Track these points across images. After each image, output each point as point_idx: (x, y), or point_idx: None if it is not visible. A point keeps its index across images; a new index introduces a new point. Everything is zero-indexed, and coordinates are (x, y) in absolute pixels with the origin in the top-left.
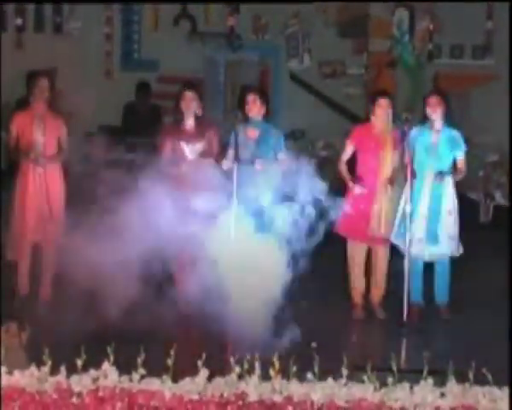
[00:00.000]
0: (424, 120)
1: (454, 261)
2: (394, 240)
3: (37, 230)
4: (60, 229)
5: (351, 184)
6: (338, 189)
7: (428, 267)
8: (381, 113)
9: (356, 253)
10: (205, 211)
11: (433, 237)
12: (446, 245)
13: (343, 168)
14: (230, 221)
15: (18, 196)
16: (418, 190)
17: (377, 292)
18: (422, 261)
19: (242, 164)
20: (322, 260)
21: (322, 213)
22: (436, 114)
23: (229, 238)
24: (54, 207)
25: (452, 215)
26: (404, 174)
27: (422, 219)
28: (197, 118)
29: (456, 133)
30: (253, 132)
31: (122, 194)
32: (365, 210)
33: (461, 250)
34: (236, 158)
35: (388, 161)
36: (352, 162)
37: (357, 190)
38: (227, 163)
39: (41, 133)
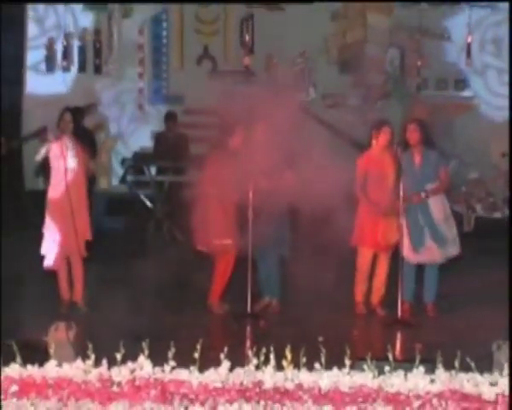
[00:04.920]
0: (406, 145)
1: (441, 265)
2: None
3: (65, 243)
4: (84, 244)
5: (371, 208)
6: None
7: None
8: (383, 139)
9: (365, 259)
10: None
11: (441, 242)
12: (452, 246)
13: (362, 195)
14: None
15: (49, 212)
16: (413, 206)
17: (379, 292)
18: (414, 266)
19: None
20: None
21: None
22: (413, 139)
23: None
24: (79, 223)
25: (447, 221)
26: (399, 192)
27: (425, 229)
28: None
29: (436, 154)
30: None
31: None
32: (375, 223)
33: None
34: None
35: (390, 181)
36: None
37: (376, 212)
38: None
39: (71, 160)
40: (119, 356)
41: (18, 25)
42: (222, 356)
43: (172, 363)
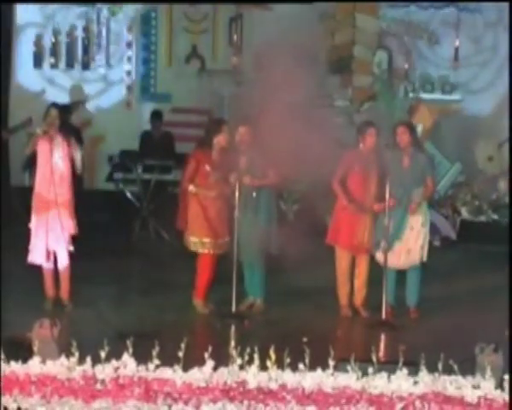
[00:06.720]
0: (395, 147)
1: (424, 266)
2: (375, 251)
3: (51, 239)
4: (70, 239)
5: (346, 202)
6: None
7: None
8: (369, 141)
9: (344, 260)
10: None
11: (407, 248)
12: (418, 253)
13: (338, 188)
14: None
15: (35, 207)
16: (396, 209)
17: (360, 293)
18: (395, 270)
19: None
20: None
21: None
22: (403, 141)
23: None
24: (64, 219)
25: (425, 227)
26: (383, 194)
27: (400, 232)
28: None
29: (424, 157)
30: None
31: None
32: (352, 223)
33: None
34: None
35: (374, 182)
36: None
37: (351, 208)
38: None
39: (58, 156)
40: (103, 354)
41: (6, 20)
42: (206, 355)
43: (156, 362)
